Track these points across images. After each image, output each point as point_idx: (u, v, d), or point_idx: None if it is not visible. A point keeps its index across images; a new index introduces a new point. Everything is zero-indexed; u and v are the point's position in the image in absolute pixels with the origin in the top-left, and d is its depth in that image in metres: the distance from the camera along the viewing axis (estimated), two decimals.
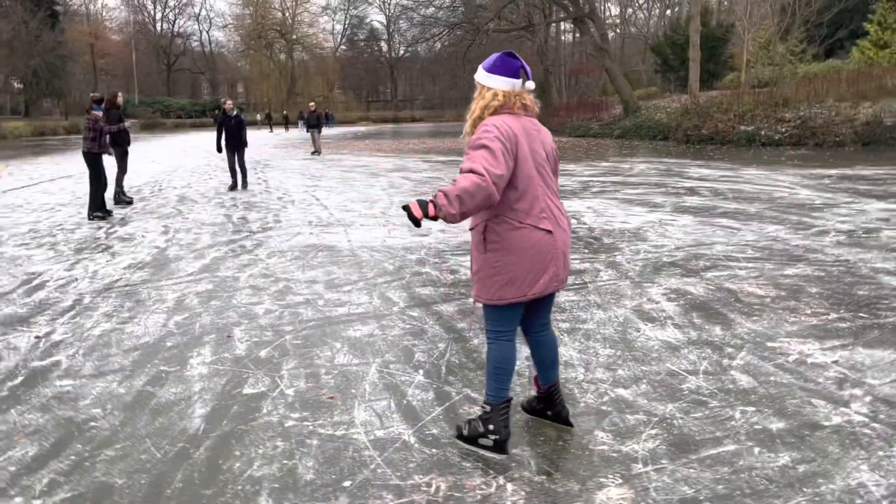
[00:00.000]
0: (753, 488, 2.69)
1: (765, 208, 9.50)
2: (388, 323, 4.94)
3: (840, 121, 20.94)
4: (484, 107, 2.96)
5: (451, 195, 2.67)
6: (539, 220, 2.88)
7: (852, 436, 3.08)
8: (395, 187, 13.69)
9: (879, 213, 8.82)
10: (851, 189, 11.15)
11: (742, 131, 22.38)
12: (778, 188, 11.56)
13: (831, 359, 4.00)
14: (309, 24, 78.93)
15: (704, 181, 12.95)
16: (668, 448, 3.03)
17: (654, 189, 12.00)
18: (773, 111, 22.64)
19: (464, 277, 6.19)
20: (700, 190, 11.65)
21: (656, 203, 10.31)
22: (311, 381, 3.93)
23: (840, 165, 14.95)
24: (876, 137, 19.96)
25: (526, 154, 2.86)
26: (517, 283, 2.90)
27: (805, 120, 21.57)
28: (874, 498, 2.59)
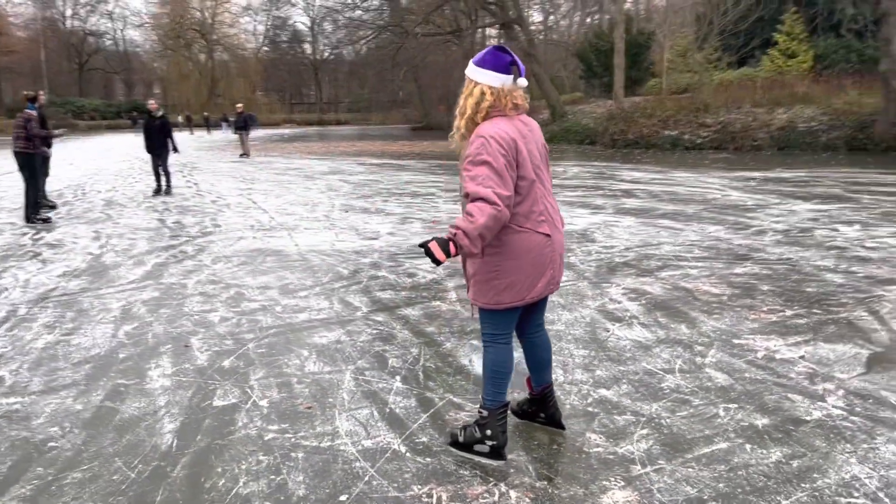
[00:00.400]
0: (753, 485, 2.72)
1: (701, 209, 9.78)
2: (355, 329, 4.81)
3: (757, 126, 21.87)
4: (475, 105, 2.88)
5: (473, 235, 2.62)
6: (538, 224, 2.83)
7: (835, 429, 3.16)
8: (333, 190, 13.46)
9: (808, 213, 9.21)
10: (777, 191, 11.63)
11: (666, 136, 23.10)
12: (709, 190, 11.95)
13: (797, 354, 4.11)
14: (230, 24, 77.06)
15: (638, 183, 13.26)
16: (662, 448, 3.04)
17: (592, 191, 12.20)
18: (694, 116, 23.46)
19: (422, 281, 6.10)
20: (636, 192, 11.92)
21: (597, 205, 10.49)
22: (284, 391, 3.77)
23: (761, 168, 15.60)
24: (790, 142, 20.93)
25: (525, 158, 2.80)
26: (516, 288, 2.84)
27: (725, 125, 22.44)
28: (869, 490, 2.65)
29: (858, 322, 4.65)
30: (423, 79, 47.89)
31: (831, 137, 20.54)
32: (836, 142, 20.36)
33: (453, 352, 4.31)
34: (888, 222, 8.33)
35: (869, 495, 2.62)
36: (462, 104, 2.92)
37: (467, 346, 4.42)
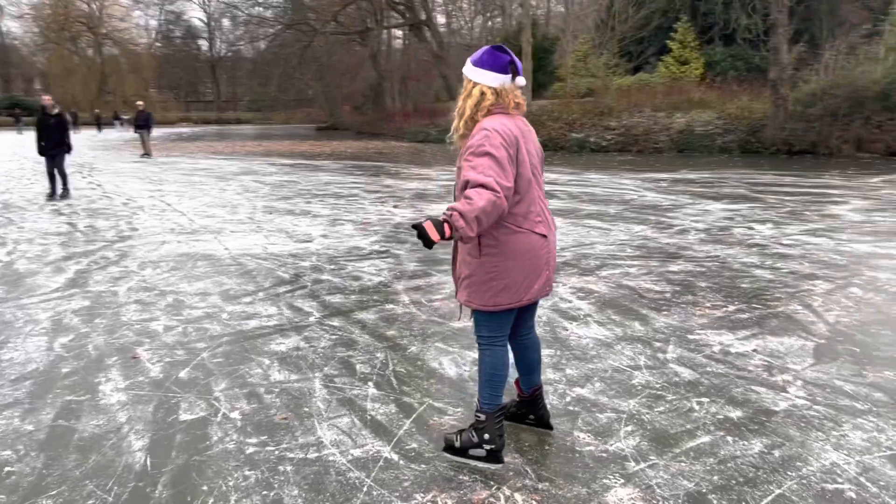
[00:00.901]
0: (745, 476, 2.82)
1: (622, 209, 10.11)
2: (312, 335, 4.67)
3: (658, 129, 22.85)
4: (474, 105, 2.85)
5: (469, 216, 2.55)
6: (535, 225, 2.83)
7: (803, 419, 3.33)
8: (250, 191, 13.05)
9: (722, 212, 9.69)
10: (688, 191, 12.17)
11: (574, 138, 23.76)
12: (625, 191, 12.37)
13: (750, 348, 4.31)
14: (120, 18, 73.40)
15: (556, 185, 13.56)
16: (650, 444, 3.11)
17: None
18: (599, 120, 24.25)
19: (370, 284, 6.01)
20: (556, 193, 12.19)
21: None
22: (254, 402, 3.61)
23: (667, 170, 16.29)
24: (689, 144, 21.98)
25: (524, 157, 2.80)
26: (513, 289, 2.83)
27: (629, 128, 23.32)
28: (851, 476, 2.81)
29: (796, 316, 4.93)
30: (329, 78, 47.29)
31: (726, 140, 21.72)
32: (731, 144, 21.54)
33: (421, 355, 4.26)
34: (796, 221, 8.88)
35: (851, 480, 2.77)
36: (461, 105, 2.89)
37: (433, 349, 4.38)
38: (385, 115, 41.44)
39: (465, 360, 4.18)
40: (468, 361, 4.14)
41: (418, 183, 14.23)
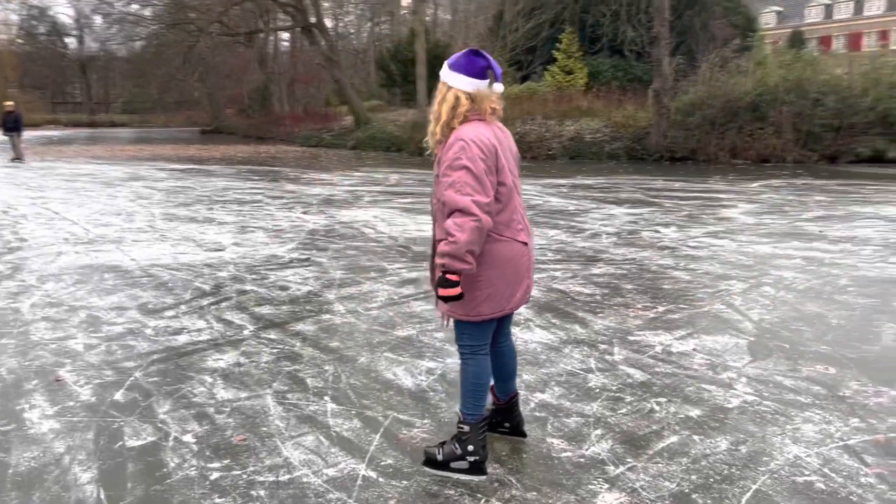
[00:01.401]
0: (721, 474, 2.91)
1: (533, 214, 10.30)
2: (250, 349, 4.45)
3: (550, 137, 23.54)
4: (450, 110, 2.79)
5: (460, 254, 2.59)
6: (517, 233, 2.81)
7: (757, 415, 3.48)
8: (143, 197, 12.34)
9: (627, 216, 10.07)
10: (589, 196, 12.58)
11: None
12: (530, 196, 12.62)
13: (689, 347, 4.47)
14: None
15: None
16: (623, 447, 3.15)
17: (424, 198, 12.36)
18: None
19: (298, 293, 5.80)
20: None
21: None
22: (205, 424, 3.39)
23: (564, 176, 16.77)
24: (580, 151, 22.77)
25: (503, 165, 2.76)
26: (496, 298, 2.80)
27: (522, 135, 23.83)
28: (815, 467, 2.95)
29: (722, 315, 5.17)
30: (212, 80, 45.63)
31: (614, 147, 22.66)
32: (618, 151, 22.49)
33: (372, 367, 4.14)
34: (696, 224, 9.35)
35: (817, 472, 2.91)
36: (436, 109, 2.82)
37: (383, 359, 4.27)
38: (273, 118, 40.46)
39: (419, 369, 4.10)
40: (423, 371, 4.07)
41: (322, 188, 13.94)
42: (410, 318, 5.11)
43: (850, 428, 3.30)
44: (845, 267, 6.66)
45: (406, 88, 33.33)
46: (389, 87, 35.84)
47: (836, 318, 5.06)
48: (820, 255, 7.17)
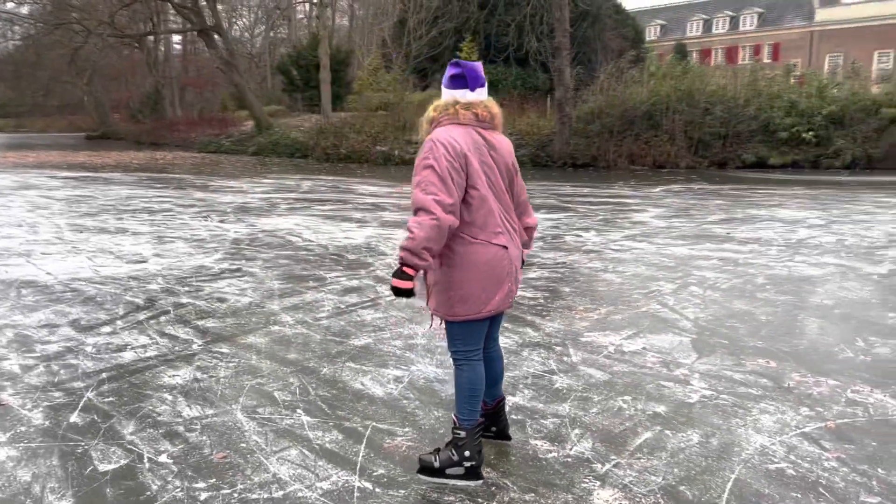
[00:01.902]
0: (700, 466, 3.07)
1: None
2: (205, 364, 4.30)
3: None
4: (426, 118, 2.90)
5: (417, 250, 2.66)
6: (494, 236, 2.86)
7: (718, 408, 3.69)
8: (42, 208, 11.60)
9: (547, 222, 10.35)
10: None
11: (378, 151, 24.01)
12: None
13: (639, 346, 4.67)
14: None
15: (379, 197, 13.63)
16: (604, 445, 3.26)
17: (343, 205, 12.26)
18: (401, 133, 24.75)
19: (239, 305, 5.64)
20: (385, 206, 12.26)
21: (359, 219, 10.57)
22: (179, 443, 3.26)
23: None
24: None
25: (476, 168, 2.81)
26: (470, 301, 2.85)
27: None
28: (782, 455, 3.17)
29: (660, 314, 5.42)
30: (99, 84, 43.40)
31: (519, 155, 23.11)
32: (524, 158, 23.00)
33: (337, 377, 4.10)
34: (614, 228, 9.74)
35: (785, 459, 3.12)
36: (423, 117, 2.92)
37: (346, 369, 4.23)
38: (166, 124, 38.90)
39: (386, 378, 4.09)
40: (390, 380, 4.06)
41: (233, 196, 13.55)
42: (363, 327, 5.07)
43: (802, 416, 3.55)
44: (758, 266, 7.12)
45: (308, 93, 32.86)
46: (291, 92, 35.21)
47: (762, 314, 5.41)
48: (733, 256, 7.63)
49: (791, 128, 21.26)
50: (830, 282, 6.46)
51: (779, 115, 21.24)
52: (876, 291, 6.11)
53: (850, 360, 4.38)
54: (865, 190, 14.95)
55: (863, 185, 15.96)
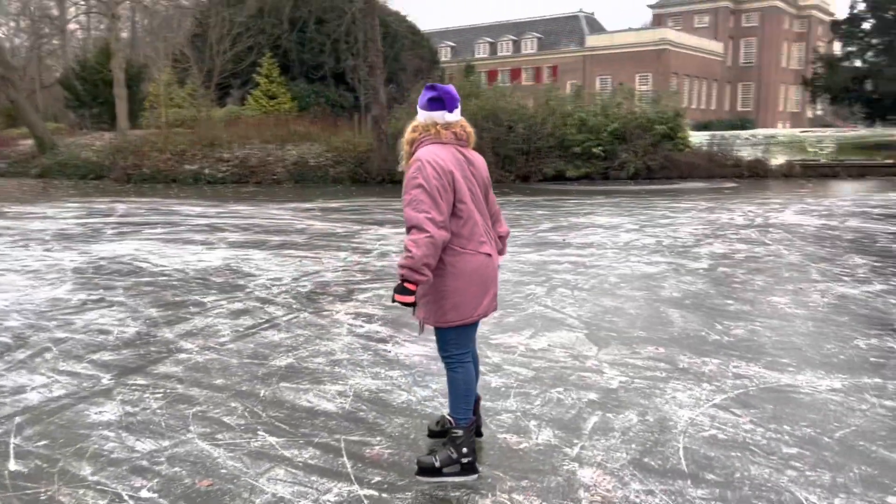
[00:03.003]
0: (650, 440, 3.51)
1: (308, 238, 10.37)
2: (128, 397, 4.06)
3: (273, 161, 23.39)
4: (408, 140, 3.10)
5: (417, 267, 2.88)
6: (480, 245, 3.12)
7: (639, 390, 4.18)
8: None
9: (398, 236, 10.63)
10: (346, 219, 12.93)
11: (188, 170, 22.85)
12: (287, 221, 12.59)
13: (545, 344, 5.10)
14: None
15: (209, 217, 13.10)
16: (564, 432, 3.61)
17: (176, 227, 11.65)
18: (210, 151, 23.77)
19: (126, 335, 5.31)
20: (222, 226, 11.83)
21: (201, 240, 10.15)
22: (152, 477, 3.12)
23: (303, 200, 16.87)
24: (304, 176, 23.00)
25: (461, 183, 3.06)
26: (462, 307, 3.08)
27: (243, 160, 23.37)
28: (708, 424, 3.70)
29: (547, 314, 5.91)
30: None
31: (337, 171, 23.29)
32: (342, 175, 23.18)
33: (279, 397, 4.07)
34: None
35: (712, 426, 3.66)
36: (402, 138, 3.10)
37: (284, 389, 4.21)
38: None
39: (329, 393, 4.14)
40: (334, 395, 4.12)
41: (43, 223, 12.33)
42: (275, 348, 5.02)
43: (708, 391, 4.15)
44: (605, 267, 7.94)
45: (98, 110, 30.43)
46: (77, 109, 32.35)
47: (630, 308, 6.11)
48: (579, 260, 8.42)
49: (583, 143, 23.43)
50: (669, 277, 7.39)
51: (572, 133, 23.31)
52: (708, 284, 7.11)
53: (718, 341, 5.13)
54: (655, 197, 16.94)
55: (652, 193, 18.06)
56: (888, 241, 9.90)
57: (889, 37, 27.71)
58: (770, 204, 15.24)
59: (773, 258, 8.55)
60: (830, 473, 3.14)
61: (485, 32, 70.12)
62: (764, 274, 7.61)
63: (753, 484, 3.05)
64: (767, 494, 2.96)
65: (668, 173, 23.57)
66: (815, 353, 4.84)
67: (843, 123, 57.11)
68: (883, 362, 4.64)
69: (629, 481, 3.08)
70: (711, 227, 11.44)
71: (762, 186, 20.56)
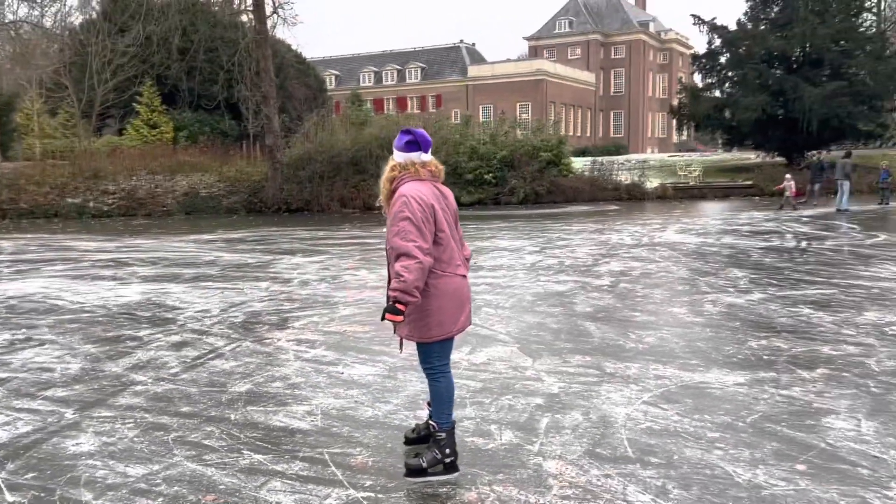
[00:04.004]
0: (598, 434, 4.02)
1: (221, 270, 10.38)
2: (100, 429, 4.16)
3: (162, 192, 22.82)
4: (388, 178, 3.51)
5: (409, 290, 3.28)
6: (456, 268, 3.55)
7: (576, 394, 4.70)
8: None
9: (312, 264, 10.83)
10: (255, 249, 12.96)
11: (71, 204, 21.87)
12: (194, 253, 12.47)
13: (484, 358, 5.55)
14: None
15: (110, 252, 12.76)
16: (521, 432, 4.05)
17: (78, 264, 11.31)
18: (94, 184, 22.88)
19: (72, 371, 5.32)
20: (127, 261, 11.59)
21: (110, 276, 9.95)
22: (155, 497, 3.30)
23: (202, 232, 16.63)
24: (196, 206, 22.60)
25: (440, 214, 3.50)
26: (444, 323, 3.50)
27: (130, 192, 22.65)
28: (643, 418, 4.26)
29: (479, 332, 6.36)
30: None
31: (231, 202, 23.04)
32: (236, 205, 22.95)
33: (251, 420, 4.29)
34: (376, 265, 10.59)
35: (646, 420, 4.22)
36: (383, 178, 3.50)
37: (254, 412, 4.42)
38: None
39: (298, 413, 4.40)
40: (304, 414, 4.38)
41: None
42: (229, 375, 5.20)
43: (636, 391, 4.73)
44: (519, 287, 8.53)
45: None
46: None
47: (552, 323, 6.69)
48: (495, 281, 8.98)
49: (475, 171, 24.37)
50: (579, 294, 8.07)
51: (464, 160, 24.18)
52: (614, 298, 7.83)
53: (634, 348, 5.77)
54: (548, 220, 17.94)
55: (543, 217, 19.08)
56: (759, 255, 11.12)
57: (743, 70, 30.47)
58: (652, 224, 16.52)
59: (665, 274, 9.45)
60: (749, 450, 3.75)
61: (369, 61, 70.95)
62: (661, 288, 8.44)
63: (690, 463, 3.61)
64: (703, 471, 3.52)
65: (554, 198, 24.89)
66: (717, 354, 5.56)
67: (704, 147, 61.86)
68: (774, 359, 5.40)
69: (588, 468, 3.56)
70: (605, 247, 12.37)
71: (641, 208, 22.14)
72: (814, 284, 8.46)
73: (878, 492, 3.28)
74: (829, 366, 5.22)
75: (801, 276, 9.10)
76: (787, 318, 6.75)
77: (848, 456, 3.67)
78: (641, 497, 3.25)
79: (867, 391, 4.66)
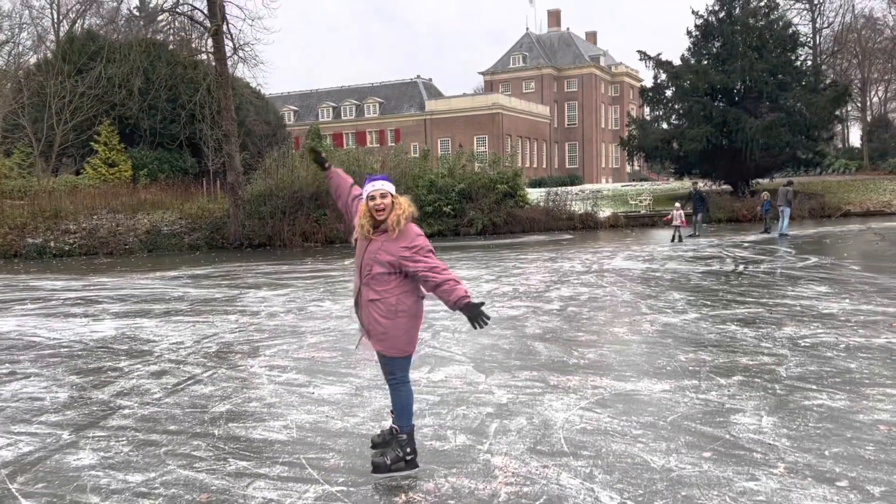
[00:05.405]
0: (539, 434, 4.63)
1: (192, 305, 10.80)
2: (96, 446, 4.63)
3: (124, 231, 23.00)
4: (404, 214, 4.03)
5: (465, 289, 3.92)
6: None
7: (523, 403, 5.31)
8: None
9: (279, 298, 11.32)
10: (220, 284, 13.37)
11: (31, 244, 21.92)
12: (164, 289, 12.84)
13: (442, 376, 6.13)
14: None
15: (77, 291, 13.05)
16: (473, 435, 4.64)
17: (47, 302, 11.60)
18: (54, 223, 22.97)
19: (61, 400, 5.75)
20: (96, 299, 11.92)
21: (81, 313, 10.30)
22: (156, 499, 3.81)
23: (165, 269, 16.93)
24: (158, 244, 22.80)
25: None
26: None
27: (91, 231, 22.78)
28: (582, 420, 4.90)
29: (438, 353, 6.95)
30: None
31: (193, 238, 23.32)
32: (199, 241, 23.23)
33: (233, 435, 4.80)
34: (341, 297, 11.12)
35: (586, 422, 4.85)
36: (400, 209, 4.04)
37: (235, 428, 4.93)
38: None
39: (275, 427, 4.93)
40: (280, 428, 4.91)
41: None
42: (209, 398, 5.70)
43: (574, 399, 5.36)
44: None
45: None
46: None
47: (504, 344, 7.32)
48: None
49: (434, 203, 25.10)
50: (530, 318, 8.73)
51: (423, 193, 24.90)
52: (562, 321, 8.50)
53: (576, 364, 6.42)
54: (504, 250, 18.67)
55: (500, 247, 19.81)
56: (699, 279, 11.96)
57: (688, 103, 32.00)
58: (602, 252, 17.37)
59: (610, 297, 10.19)
60: (665, 443, 4.41)
61: (327, 97, 71.77)
62: (605, 311, 9.16)
63: (615, 455, 4.24)
64: (625, 460, 4.16)
65: (511, 228, 25.73)
66: (649, 366, 6.25)
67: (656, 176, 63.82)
68: (698, 370, 6.10)
69: (529, 461, 4.17)
70: (557, 274, 13.10)
71: (594, 237, 23.07)
72: (744, 304, 9.27)
73: (767, 471, 3.95)
74: (745, 373, 5.94)
75: (734, 297, 9.92)
76: (715, 334, 7.50)
77: (746, 444, 4.35)
78: (572, 482, 3.86)
79: (773, 393, 5.38)
